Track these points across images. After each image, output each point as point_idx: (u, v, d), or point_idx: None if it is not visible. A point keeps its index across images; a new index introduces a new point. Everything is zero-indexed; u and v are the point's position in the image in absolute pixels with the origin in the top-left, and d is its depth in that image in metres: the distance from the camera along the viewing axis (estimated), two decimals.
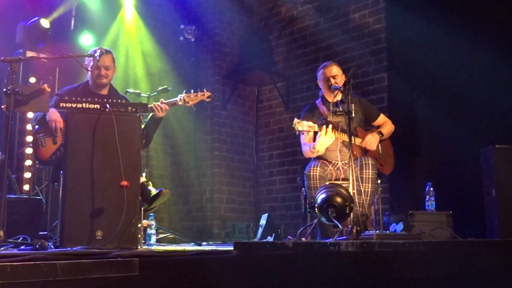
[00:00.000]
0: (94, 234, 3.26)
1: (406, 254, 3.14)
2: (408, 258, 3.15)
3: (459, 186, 5.28)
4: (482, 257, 3.47)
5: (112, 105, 3.46)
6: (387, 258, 3.04)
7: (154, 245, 4.27)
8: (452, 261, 3.36)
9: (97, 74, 4.28)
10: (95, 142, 3.37)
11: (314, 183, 4.28)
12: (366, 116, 4.73)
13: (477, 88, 5.32)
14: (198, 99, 4.41)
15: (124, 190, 3.29)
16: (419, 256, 3.21)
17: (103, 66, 4.27)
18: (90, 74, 4.30)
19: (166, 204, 7.46)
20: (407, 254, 3.14)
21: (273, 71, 7.33)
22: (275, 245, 2.49)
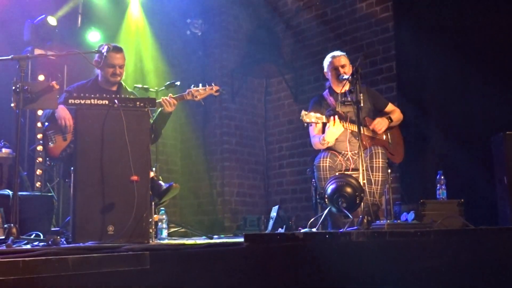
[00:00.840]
0: (105, 229, 3.27)
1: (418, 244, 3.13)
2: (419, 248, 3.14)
3: (470, 174, 5.25)
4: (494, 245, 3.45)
5: (121, 100, 3.47)
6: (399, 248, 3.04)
7: (165, 239, 4.30)
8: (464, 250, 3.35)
9: (112, 72, 4.30)
10: (104, 138, 3.38)
11: (324, 174, 4.28)
12: (375, 105, 4.72)
13: (488, 74, 5.28)
14: (207, 93, 4.41)
15: (134, 185, 3.30)
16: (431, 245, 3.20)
17: (118, 64, 4.30)
18: (103, 71, 4.32)
19: (177, 198, 7.49)
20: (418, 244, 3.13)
21: (281, 63, 7.31)
22: (286, 236, 2.49)
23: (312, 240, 2.60)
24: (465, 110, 5.43)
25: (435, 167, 4.96)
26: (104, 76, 4.34)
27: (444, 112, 5.65)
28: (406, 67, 6.10)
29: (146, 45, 7.31)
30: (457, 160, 5.40)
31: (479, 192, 5.08)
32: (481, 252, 3.42)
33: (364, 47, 6.57)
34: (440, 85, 5.71)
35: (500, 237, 3.51)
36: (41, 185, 5.53)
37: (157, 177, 4.21)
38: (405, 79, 6.10)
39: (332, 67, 4.61)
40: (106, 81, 4.36)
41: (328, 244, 2.66)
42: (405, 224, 3.62)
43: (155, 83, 6.64)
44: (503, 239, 3.50)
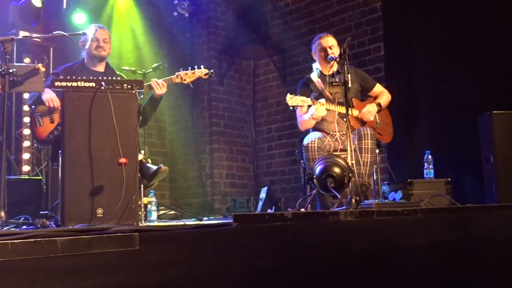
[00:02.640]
0: (94, 212, 3.28)
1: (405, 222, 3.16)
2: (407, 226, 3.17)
3: (457, 154, 5.30)
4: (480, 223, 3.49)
5: (108, 82, 3.45)
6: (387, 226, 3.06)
7: (155, 222, 4.31)
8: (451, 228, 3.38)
9: (96, 45, 4.30)
10: (92, 121, 3.37)
11: (312, 154, 4.29)
12: (362, 86, 4.73)
13: (475, 54, 5.30)
14: (195, 77, 4.40)
15: (123, 167, 3.30)
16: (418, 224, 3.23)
17: (101, 38, 4.29)
18: (88, 48, 4.30)
19: (166, 181, 7.51)
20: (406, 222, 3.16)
21: (269, 45, 7.29)
22: (274, 216, 2.50)
23: (300, 220, 2.61)
24: (453, 89, 5.46)
25: (423, 146, 4.99)
26: (89, 52, 4.32)
27: (432, 92, 5.68)
28: (394, 48, 6.11)
29: (133, 26, 7.25)
30: (444, 140, 5.44)
31: (466, 171, 5.13)
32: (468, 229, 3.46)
33: (352, 28, 6.56)
34: (428, 65, 5.73)
35: (486, 215, 3.55)
36: (30, 169, 5.51)
37: (146, 159, 4.21)
38: (393, 59, 6.11)
39: (320, 48, 4.60)
40: (91, 58, 4.34)
41: (316, 223, 2.68)
42: (393, 203, 3.64)
43: (142, 65, 6.61)
44: (489, 216, 3.54)
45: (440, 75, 5.59)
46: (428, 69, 5.71)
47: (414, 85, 5.85)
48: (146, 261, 1.99)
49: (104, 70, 4.40)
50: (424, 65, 5.76)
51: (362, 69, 5.44)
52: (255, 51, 7.44)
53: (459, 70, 5.41)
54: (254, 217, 2.43)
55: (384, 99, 4.72)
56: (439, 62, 5.61)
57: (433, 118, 5.62)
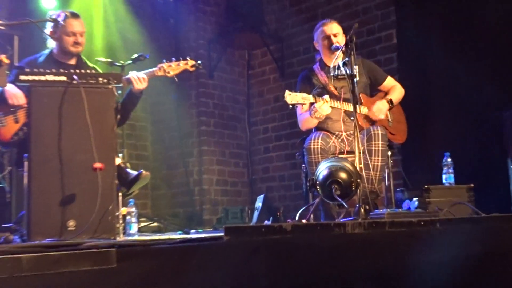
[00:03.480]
0: (65, 225, 3.26)
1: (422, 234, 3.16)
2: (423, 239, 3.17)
3: (480, 156, 5.31)
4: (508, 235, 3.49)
5: (81, 76, 3.44)
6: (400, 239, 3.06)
7: (135, 235, 4.30)
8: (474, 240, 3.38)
9: (73, 41, 4.28)
10: (62, 120, 3.35)
11: (315, 157, 4.29)
12: (371, 79, 4.73)
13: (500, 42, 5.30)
14: (181, 69, 4.39)
15: (98, 173, 3.28)
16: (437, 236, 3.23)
17: (78, 32, 4.28)
18: (61, 42, 4.29)
19: (148, 188, 7.50)
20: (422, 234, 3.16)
21: (265, 32, 7.30)
22: (272, 229, 2.49)
23: (301, 232, 2.61)
24: (475, 83, 5.46)
25: (441, 148, 4.99)
26: (62, 47, 4.31)
27: (451, 86, 5.68)
28: (408, 36, 6.12)
29: (109, 12, 7.23)
30: (466, 140, 5.45)
31: (491, 175, 5.13)
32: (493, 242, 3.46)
33: (360, 13, 6.57)
34: (447, 55, 5.73)
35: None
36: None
37: (125, 164, 4.20)
38: (406, 49, 6.12)
39: (323, 36, 4.60)
40: (64, 52, 4.33)
41: (320, 236, 2.68)
42: (407, 213, 3.65)
43: (121, 56, 6.58)
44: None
45: (460, 66, 5.59)
46: (447, 60, 5.71)
47: (430, 78, 5.86)
48: (124, 280, 1.98)
49: (75, 63, 4.38)
50: (442, 55, 5.76)
51: (372, 59, 5.45)
52: (249, 40, 7.44)
53: (482, 61, 5.41)
54: (248, 230, 2.42)
55: (396, 95, 4.72)
56: (460, 51, 5.61)
57: (453, 115, 5.63)
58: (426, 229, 3.17)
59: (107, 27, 7.22)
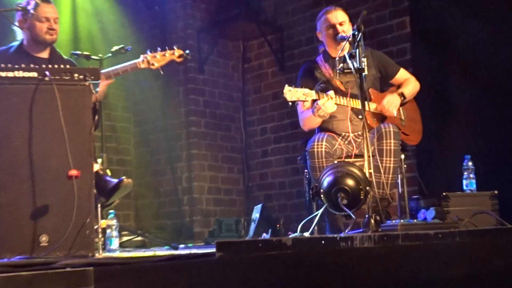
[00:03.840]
0: (37, 240, 3.26)
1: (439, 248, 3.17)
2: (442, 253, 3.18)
3: (505, 159, 5.31)
4: None
5: (54, 72, 3.44)
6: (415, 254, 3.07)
7: (116, 251, 4.30)
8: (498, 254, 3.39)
9: (47, 27, 4.31)
10: (33, 121, 3.35)
11: (319, 162, 4.29)
12: (382, 71, 4.73)
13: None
14: (167, 60, 4.41)
15: (74, 181, 3.28)
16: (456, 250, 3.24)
17: (52, 18, 4.30)
18: (32, 31, 4.30)
19: (131, 198, 7.49)
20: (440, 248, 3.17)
21: (262, 21, 7.31)
22: (270, 244, 2.49)
23: (303, 247, 2.61)
24: (498, 78, 5.47)
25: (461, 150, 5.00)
26: (35, 35, 4.32)
27: (472, 81, 5.69)
28: (423, 24, 6.13)
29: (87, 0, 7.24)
30: (488, 142, 5.45)
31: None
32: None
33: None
34: (468, 46, 5.73)
35: None
36: None
37: (104, 171, 4.21)
38: (422, 39, 6.13)
39: (327, 25, 4.60)
40: (37, 43, 4.34)
41: (324, 252, 2.68)
42: (423, 224, 3.65)
43: (99, 49, 6.59)
44: None
45: (482, 59, 5.60)
46: (467, 52, 5.71)
47: (449, 71, 5.86)
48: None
49: (48, 56, 4.39)
50: (463, 46, 5.76)
51: (383, 51, 5.45)
52: (244, 29, 7.45)
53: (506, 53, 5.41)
54: (244, 245, 2.43)
55: (409, 88, 4.72)
56: (482, 42, 5.62)
57: (474, 114, 5.63)
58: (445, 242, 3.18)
59: (83, 16, 7.23)
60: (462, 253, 3.25)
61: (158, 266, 2.20)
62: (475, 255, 3.31)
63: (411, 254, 3.05)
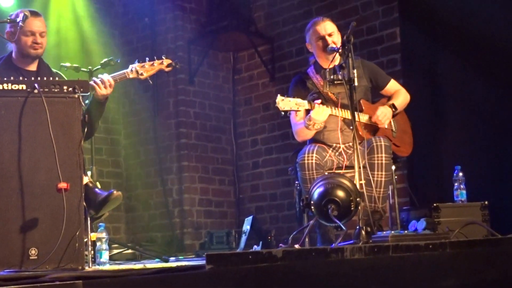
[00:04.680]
0: (27, 253, 3.26)
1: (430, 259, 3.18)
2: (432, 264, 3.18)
3: (496, 170, 5.33)
4: None
5: (43, 84, 3.45)
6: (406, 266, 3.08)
7: (106, 264, 4.29)
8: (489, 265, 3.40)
9: (32, 41, 4.29)
10: (22, 134, 3.36)
11: (309, 174, 4.30)
12: (373, 82, 4.76)
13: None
14: (155, 69, 4.39)
15: (63, 194, 3.29)
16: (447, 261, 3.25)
17: (38, 31, 4.28)
18: (19, 44, 4.30)
19: (121, 210, 7.47)
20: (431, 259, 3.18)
21: (252, 32, 7.32)
22: (260, 256, 2.49)
23: (294, 259, 2.61)
24: (489, 89, 5.49)
25: (452, 161, 5.02)
26: (21, 49, 4.32)
27: (463, 92, 5.71)
28: (413, 34, 6.15)
29: (76, 11, 7.24)
30: (479, 153, 5.47)
31: (507, 191, 5.15)
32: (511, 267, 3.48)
33: (359, 9, 6.61)
34: (459, 56, 5.76)
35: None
36: None
37: (93, 183, 4.20)
38: (412, 49, 6.15)
39: (317, 37, 4.62)
40: (23, 56, 4.33)
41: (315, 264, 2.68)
42: (414, 235, 3.66)
43: (89, 61, 6.59)
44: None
45: (474, 68, 5.62)
46: (459, 61, 5.74)
47: (439, 82, 5.89)
48: None
49: (36, 69, 4.38)
50: (454, 56, 5.79)
51: (373, 61, 5.48)
52: (235, 40, 7.46)
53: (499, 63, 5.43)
54: (234, 257, 2.43)
55: (400, 100, 4.75)
56: (474, 51, 5.64)
57: (465, 125, 5.65)
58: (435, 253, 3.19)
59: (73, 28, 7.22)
60: (453, 264, 3.26)
61: (148, 279, 2.20)
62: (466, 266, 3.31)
63: (402, 265, 3.05)
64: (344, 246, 2.97)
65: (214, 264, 2.34)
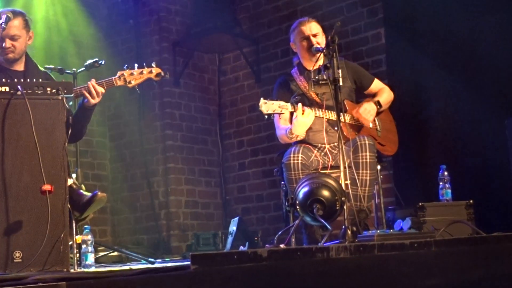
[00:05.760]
0: (11, 256, 3.25)
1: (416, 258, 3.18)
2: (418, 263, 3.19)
3: (481, 169, 5.35)
4: None
5: (26, 86, 3.44)
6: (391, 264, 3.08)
7: (91, 267, 4.27)
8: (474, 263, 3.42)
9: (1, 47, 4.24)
10: (5, 136, 3.35)
11: (295, 174, 4.31)
12: (357, 82, 4.77)
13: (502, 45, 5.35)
14: (144, 78, 4.34)
15: (47, 196, 3.27)
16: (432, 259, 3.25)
17: (8, 36, 4.22)
18: None
19: (107, 213, 7.46)
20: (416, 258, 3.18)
21: (237, 33, 7.32)
22: (245, 256, 2.49)
23: (279, 259, 2.61)
24: (474, 88, 5.51)
25: (437, 160, 5.04)
26: None
27: (447, 91, 5.74)
28: (398, 36, 6.17)
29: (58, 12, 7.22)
30: (464, 151, 5.49)
31: (492, 190, 5.18)
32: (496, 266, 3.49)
33: (344, 10, 6.62)
34: (442, 57, 5.78)
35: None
36: None
37: (77, 185, 4.18)
38: (396, 50, 6.17)
39: (302, 37, 4.63)
40: (5, 61, 4.31)
41: (300, 263, 2.68)
42: (400, 234, 3.67)
43: (72, 63, 6.57)
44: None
45: (457, 67, 5.65)
46: (442, 62, 5.76)
47: (424, 82, 5.91)
48: None
49: (24, 69, 4.36)
50: (437, 57, 5.81)
51: (358, 62, 5.49)
52: (219, 42, 7.47)
53: (481, 64, 5.46)
54: (219, 257, 2.42)
55: (384, 97, 4.76)
56: (456, 51, 5.67)
57: (449, 124, 5.67)
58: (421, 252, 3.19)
59: (57, 30, 7.20)
60: (438, 262, 3.27)
61: (132, 279, 2.19)
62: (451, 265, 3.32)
63: (388, 264, 3.06)
64: (330, 245, 2.97)
65: (199, 264, 2.33)
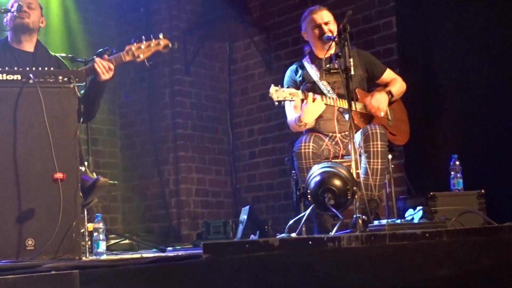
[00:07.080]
0: (23, 244, 3.25)
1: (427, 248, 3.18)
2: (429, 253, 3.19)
3: (493, 158, 5.34)
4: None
5: (38, 74, 3.44)
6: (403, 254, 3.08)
7: (103, 254, 4.29)
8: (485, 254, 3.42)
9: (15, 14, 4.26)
10: (17, 125, 3.34)
11: (306, 163, 4.31)
12: (368, 71, 4.76)
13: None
14: (152, 51, 4.33)
15: (59, 184, 3.28)
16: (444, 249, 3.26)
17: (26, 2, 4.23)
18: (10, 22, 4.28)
19: (118, 201, 7.48)
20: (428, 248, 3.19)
21: (248, 21, 7.31)
22: (257, 244, 2.50)
23: (290, 248, 2.62)
24: (487, 77, 5.49)
25: (449, 150, 5.02)
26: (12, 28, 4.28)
27: (460, 81, 5.71)
28: (410, 24, 6.14)
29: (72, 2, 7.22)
30: (476, 141, 5.48)
31: (504, 180, 5.16)
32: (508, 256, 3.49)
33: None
34: (456, 45, 5.75)
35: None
36: None
37: (86, 172, 4.19)
38: (408, 38, 6.15)
39: (313, 25, 4.62)
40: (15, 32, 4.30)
41: (311, 252, 2.69)
42: (411, 224, 3.67)
43: (83, 51, 6.58)
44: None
45: (470, 59, 5.62)
46: (456, 51, 5.73)
47: (436, 71, 5.88)
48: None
49: (34, 50, 4.36)
50: (450, 46, 5.78)
51: (369, 51, 5.47)
52: (230, 30, 7.45)
53: (495, 53, 5.43)
54: (230, 246, 2.43)
55: (397, 87, 4.75)
56: (470, 41, 5.63)
57: (462, 113, 5.65)
58: (432, 241, 3.20)
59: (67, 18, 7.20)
60: (449, 252, 3.27)
61: (144, 268, 2.20)
62: (462, 255, 3.32)
63: (399, 254, 3.06)
64: (341, 235, 2.98)
65: (211, 253, 2.34)
